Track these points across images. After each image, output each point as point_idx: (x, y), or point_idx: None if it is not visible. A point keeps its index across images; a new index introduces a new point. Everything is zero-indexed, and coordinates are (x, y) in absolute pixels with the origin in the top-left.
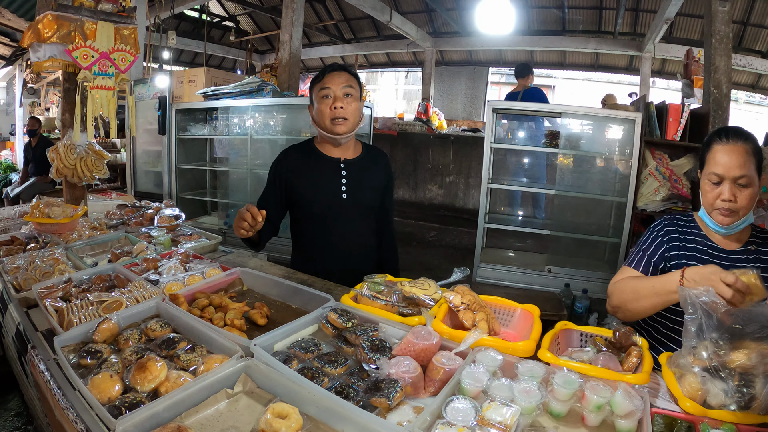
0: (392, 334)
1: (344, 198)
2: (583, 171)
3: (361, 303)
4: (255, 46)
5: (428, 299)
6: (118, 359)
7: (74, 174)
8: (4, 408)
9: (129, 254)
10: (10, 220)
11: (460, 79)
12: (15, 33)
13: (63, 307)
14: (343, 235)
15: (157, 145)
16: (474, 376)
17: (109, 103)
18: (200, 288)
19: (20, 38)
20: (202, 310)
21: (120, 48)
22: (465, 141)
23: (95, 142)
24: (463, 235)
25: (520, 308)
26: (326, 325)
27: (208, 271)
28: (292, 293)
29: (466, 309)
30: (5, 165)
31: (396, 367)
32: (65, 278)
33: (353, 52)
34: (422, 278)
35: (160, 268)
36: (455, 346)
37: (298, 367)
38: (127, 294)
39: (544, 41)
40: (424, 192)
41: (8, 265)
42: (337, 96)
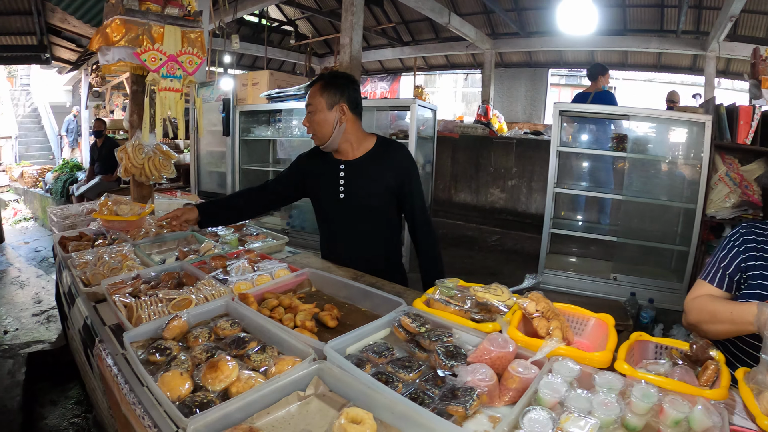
0: (466, 340)
1: (342, 198)
2: (650, 176)
3: (433, 307)
4: (314, 49)
5: (502, 305)
6: (187, 357)
7: (142, 173)
8: (65, 395)
9: (196, 252)
10: (78, 217)
11: (519, 80)
12: (80, 39)
13: (132, 303)
14: (346, 232)
15: (220, 146)
16: (552, 386)
17: (177, 104)
18: (269, 288)
19: (86, 44)
20: (272, 310)
21: (187, 51)
22: (528, 144)
23: (162, 143)
24: (525, 240)
25: (594, 317)
26: (399, 329)
27: (277, 271)
28: (361, 295)
29: (541, 317)
30: (72, 164)
31: (472, 374)
32: (134, 274)
33: (412, 54)
34: (495, 284)
35: (229, 267)
36: (530, 354)
37: (371, 371)
38: (196, 292)
39: (605, 41)
40: (486, 196)
41: (77, 260)
42: (306, 114)
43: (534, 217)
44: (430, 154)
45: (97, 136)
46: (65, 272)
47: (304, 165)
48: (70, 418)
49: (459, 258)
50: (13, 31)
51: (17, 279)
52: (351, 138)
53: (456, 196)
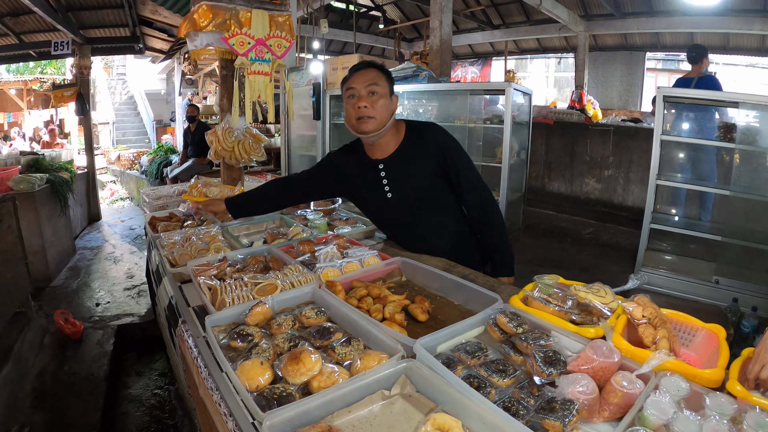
0: (566, 345)
1: (389, 197)
2: (761, 170)
3: (531, 306)
4: (402, 34)
5: (605, 308)
6: (269, 345)
7: (232, 156)
8: (150, 367)
9: (284, 236)
10: (169, 198)
11: (614, 65)
12: (171, 29)
13: (217, 286)
14: (400, 231)
15: (310, 130)
16: (659, 405)
17: (266, 88)
18: (358, 276)
19: (176, 33)
20: (360, 300)
21: (275, 35)
22: (626, 132)
23: (252, 126)
24: (621, 234)
25: (704, 328)
26: (494, 328)
27: (367, 258)
28: (454, 288)
29: (647, 324)
30: (166, 147)
31: (572, 385)
32: (220, 256)
33: (502, 38)
34: (597, 283)
35: (317, 252)
36: (634, 366)
37: (462, 373)
38: (282, 277)
39: (705, 22)
40: (580, 186)
41: (165, 241)
42: (361, 95)
43: (631, 210)
44: (525, 141)
45: (190, 121)
46: (154, 251)
47: (339, 164)
48: (153, 389)
49: (550, 249)
50: (108, 24)
51: (111, 255)
52: (391, 131)
53: (549, 185)
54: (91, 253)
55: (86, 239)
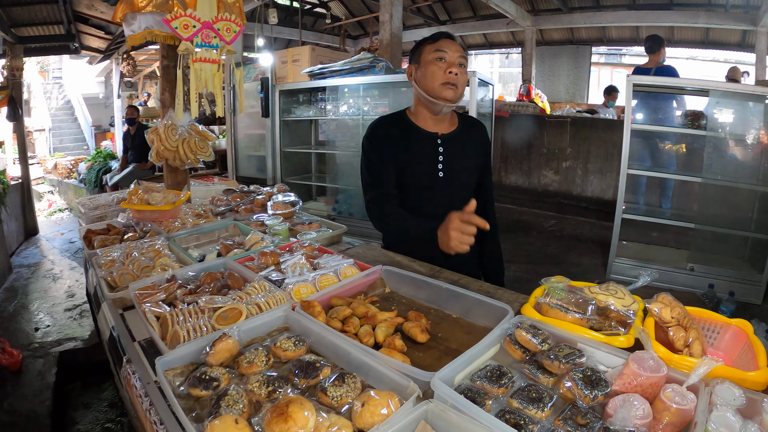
0: (598, 359)
1: (441, 176)
2: (728, 156)
3: (546, 315)
4: (348, 31)
5: (629, 312)
6: (241, 392)
7: (176, 157)
8: (99, 398)
9: (240, 246)
10: (108, 207)
11: (561, 59)
12: (109, 25)
13: (166, 315)
14: (438, 214)
15: (259, 129)
16: (724, 421)
17: (214, 77)
18: (336, 292)
19: (115, 30)
20: (344, 322)
21: (224, 17)
22: (583, 123)
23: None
24: (584, 226)
25: (732, 324)
26: (513, 345)
27: (343, 269)
28: (449, 298)
29: (678, 325)
30: (105, 153)
31: (627, 409)
32: (168, 275)
33: None
34: (612, 283)
35: (283, 264)
36: (677, 375)
37: (493, 409)
38: (246, 298)
39: (651, 16)
40: (538, 178)
41: (102, 258)
42: (453, 62)
43: (590, 201)
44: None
45: (129, 124)
46: (91, 270)
47: (390, 137)
48: (103, 423)
49: (517, 245)
50: (40, 21)
51: (50, 272)
52: (450, 111)
53: (506, 179)
54: (29, 271)
55: (23, 256)
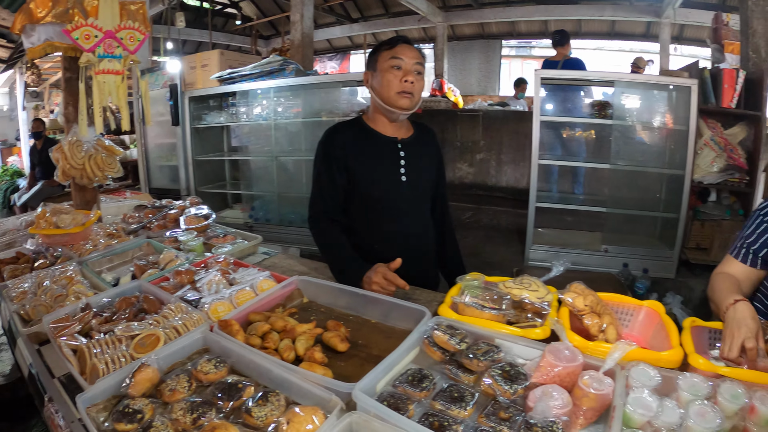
0: (516, 353)
1: (404, 180)
2: (634, 142)
3: (464, 314)
4: (259, 31)
5: (544, 304)
6: (166, 422)
7: (83, 175)
8: None
9: (155, 265)
10: (17, 232)
11: (472, 53)
12: (11, 33)
13: (83, 347)
14: (402, 222)
15: (170, 138)
16: (641, 402)
17: (118, 89)
18: (254, 307)
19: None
20: (263, 338)
21: (127, 25)
22: (494, 115)
23: (104, 137)
24: (500, 215)
25: (644, 306)
26: (432, 347)
27: (259, 283)
28: (366, 303)
29: (591, 313)
30: (12, 171)
31: (547, 400)
32: (82, 304)
33: (361, 31)
34: (526, 276)
35: (198, 282)
36: (594, 361)
37: (417, 413)
38: (163, 322)
39: (559, 10)
40: (453, 171)
41: (13, 290)
42: (409, 70)
43: (505, 191)
44: None
45: (36, 138)
46: (2, 304)
47: (347, 148)
48: None
49: None
50: None
51: None
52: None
53: None
54: None
55: None
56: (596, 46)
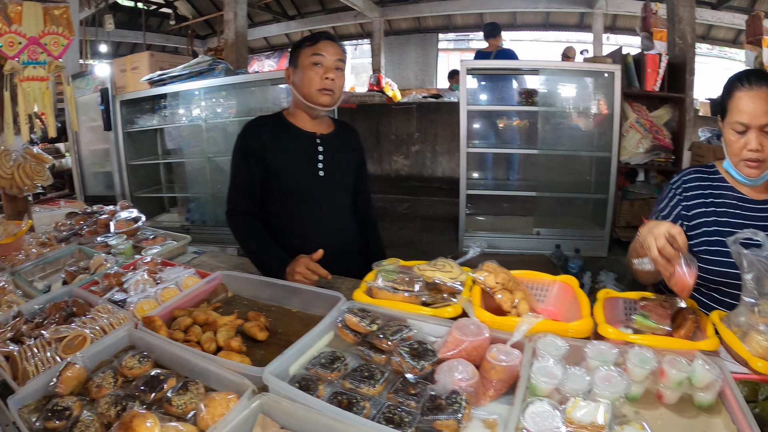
0: (427, 331)
1: (321, 176)
2: (563, 128)
3: (377, 297)
4: (195, 31)
5: (456, 283)
6: (93, 416)
7: (12, 185)
8: None
9: (86, 270)
10: None
11: (409, 47)
12: None
13: (14, 353)
14: (320, 216)
15: (103, 143)
16: (546, 371)
17: (44, 96)
18: (178, 303)
19: None
20: (186, 331)
21: (51, 30)
22: (428, 107)
23: (32, 145)
24: (437, 205)
25: (557, 281)
26: (345, 330)
27: (184, 280)
28: (287, 293)
29: (503, 289)
30: None
31: (451, 374)
32: (14, 312)
33: (298, 28)
34: (440, 259)
35: (126, 283)
36: (504, 336)
37: (327, 393)
38: (91, 323)
39: (494, 2)
40: (389, 164)
41: None
42: (329, 67)
43: (442, 181)
44: None
45: None
46: None
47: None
48: None
49: None
50: None
51: None
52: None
53: None
54: None
55: None
56: (532, 38)
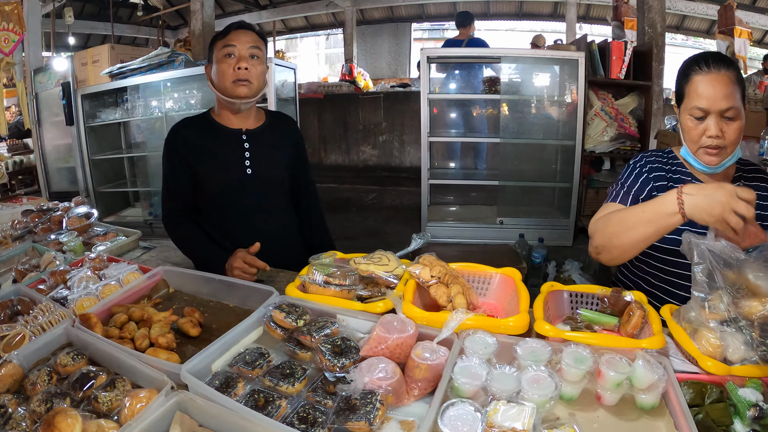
0: (356, 327)
1: (249, 173)
2: (527, 116)
3: (310, 292)
4: (166, 21)
5: (391, 277)
6: (24, 413)
7: None
8: None
9: (37, 268)
10: None
11: (382, 37)
12: None
13: None
14: (252, 215)
15: (67, 138)
16: (469, 371)
17: None
18: (117, 300)
19: None
20: (122, 328)
21: (1, 27)
22: (395, 97)
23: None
24: (404, 195)
25: (498, 273)
26: (272, 326)
27: (125, 276)
28: (226, 288)
29: (438, 283)
30: None
31: (369, 373)
32: None
33: (270, 18)
34: (378, 251)
35: (70, 281)
36: (435, 332)
37: (245, 390)
38: (32, 322)
39: None
40: (357, 154)
41: None
42: (242, 56)
43: (410, 170)
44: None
45: None
46: None
47: (189, 144)
48: None
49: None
50: None
51: None
52: (255, 105)
53: (327, 159)
54: None
55: None
56: (508, 28)
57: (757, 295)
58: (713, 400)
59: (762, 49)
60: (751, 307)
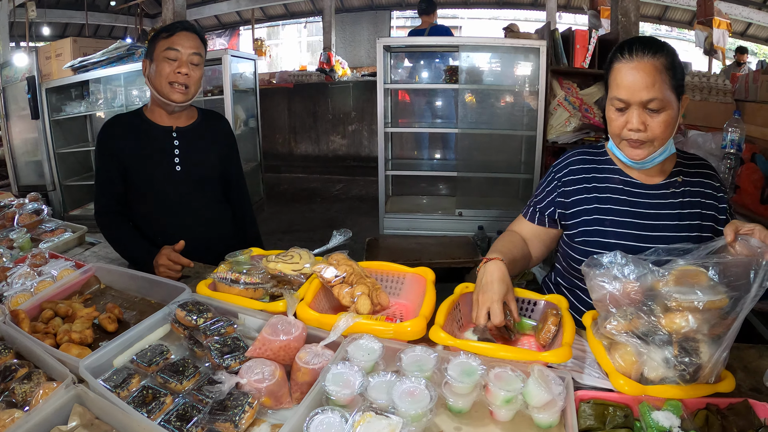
0: (256, 327)
1: (178, 170)
2: (488, 106)
3: (219, 290)
4: (144, 10)
5: (299, 275)
6: None
7: None
8: None
9: None
10: None
11: (362, 25)
12: None
13: None
14: (181, 211)
15: (34, 132)
16: (342, 378)
17: None
18: (48, 296)
19: None
20: (47, 323)
21: None
22: (365, 86)
23: None
24: (371, 185)
25: (408, 273)
26: (176, 324)
27: (60, 272)
28: (149, 286)
29: (342, 283)
30: None
31: (247, 374)
32: None
33: (249, 6)
34: (293, 248)
35: (10, 278)
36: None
37: (139, 386)
38: None
39: None
40: (327, 144)
41: None
42: (184, 61)
43: None
44: (252, 109)
45: None
46: None
47: (119, 141)
48: None
49: (298, 213)
50: None
51: None
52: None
53: (297, 149)
54: None
55: None
56: (491, 17)
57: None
58: (615, 425)
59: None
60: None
